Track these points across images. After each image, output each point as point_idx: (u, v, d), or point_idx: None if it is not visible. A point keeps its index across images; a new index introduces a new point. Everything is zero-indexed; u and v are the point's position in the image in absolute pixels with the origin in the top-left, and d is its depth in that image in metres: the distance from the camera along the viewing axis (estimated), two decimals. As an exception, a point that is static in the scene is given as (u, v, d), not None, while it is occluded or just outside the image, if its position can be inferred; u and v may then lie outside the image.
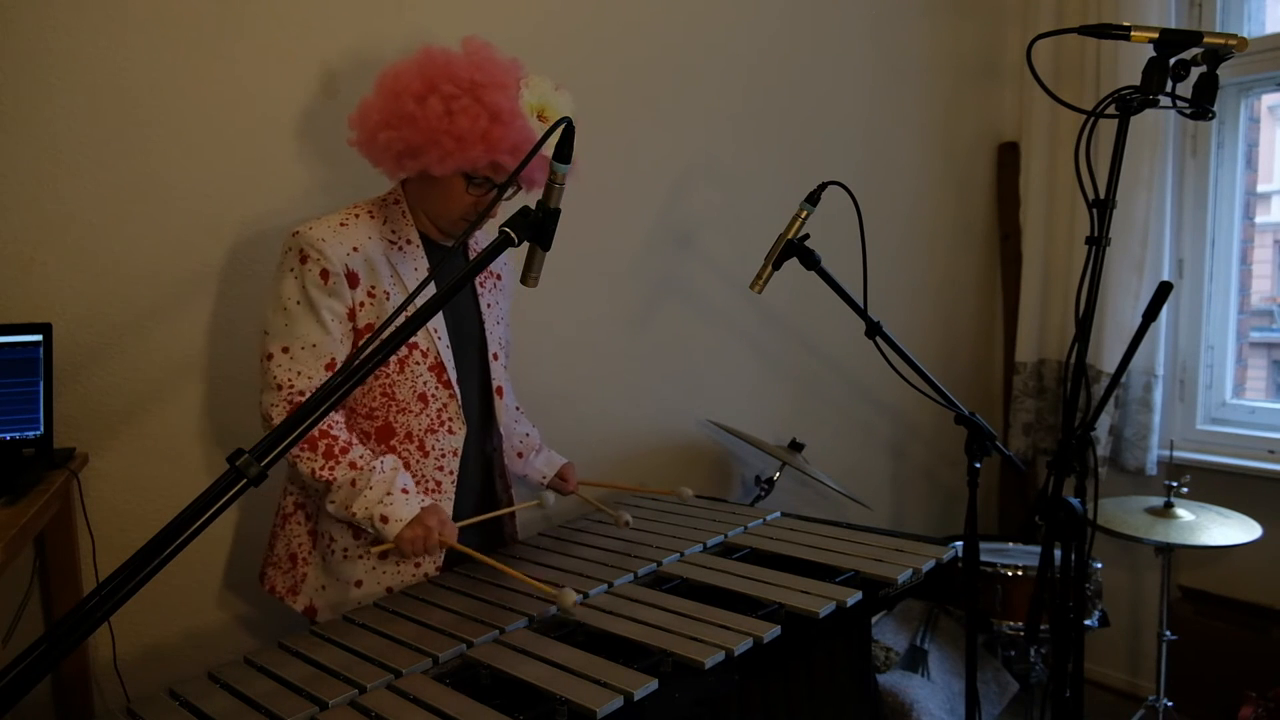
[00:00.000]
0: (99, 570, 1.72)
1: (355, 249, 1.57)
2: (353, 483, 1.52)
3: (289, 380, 1.54)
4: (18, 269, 1.67)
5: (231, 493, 0.95)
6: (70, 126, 1.69)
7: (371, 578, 1.63)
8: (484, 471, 1.81)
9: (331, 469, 1.52)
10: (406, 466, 1.64)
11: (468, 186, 1.59)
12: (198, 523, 0.92)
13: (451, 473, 1.68)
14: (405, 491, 1.55)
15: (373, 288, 1.59)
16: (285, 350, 1.54)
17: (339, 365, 1.56)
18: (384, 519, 1.52)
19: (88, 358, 1.74)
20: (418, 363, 1.63)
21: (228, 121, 1.84)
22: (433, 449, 1.66)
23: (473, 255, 1.81)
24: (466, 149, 1.51)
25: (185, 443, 1.85)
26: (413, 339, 1.61)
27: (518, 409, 1.99)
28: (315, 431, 1.52)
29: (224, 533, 1.90)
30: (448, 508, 1.67)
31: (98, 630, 1.04)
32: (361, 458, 1.55)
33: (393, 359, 1.60)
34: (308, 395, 1.53)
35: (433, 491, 1.66)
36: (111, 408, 1.77)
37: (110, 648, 1.76)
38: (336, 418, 1.59)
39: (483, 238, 1.87)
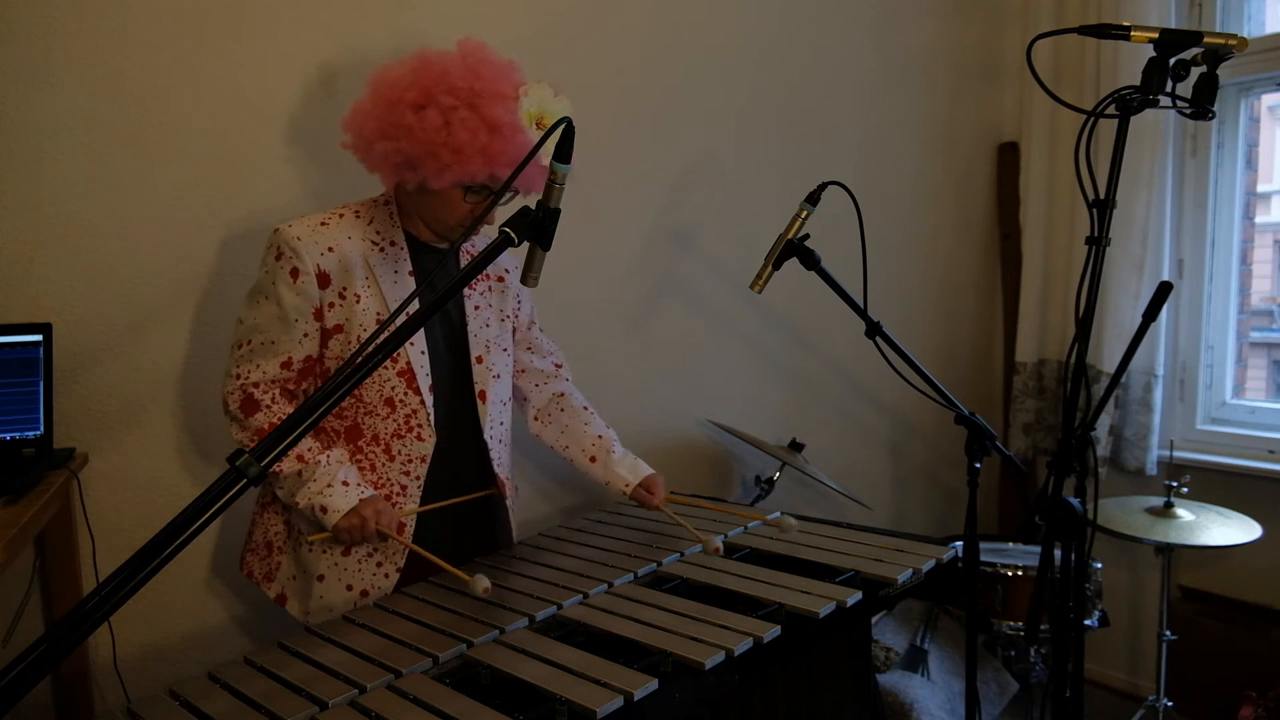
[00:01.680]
0: (99, 570, 1.72)
1: (330, 249, 1.58)
2: (299, 474, 1.56)
3: (246, 372, 1.58)
4: (18, 269, 1.68)
5: (231, 493, 0.95)
6: (70, 127, 1.70)
7: (333, 574, 1.64)
8: (477, 476, 1.80)
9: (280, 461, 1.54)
10: (372, 469, 1.65)
11: (465, 195, 1.58)
12: (198, 523, 0.92)
13: (419, 478, 1.68)
14: (345, 484, 1.57)
15: (344, 289, 1.59)
16: (248, 343, 1.58)
17: (294, 363, 1.59)
18: (323, 509, 1.55)
19: (88, 358, 1.74)
20: (385, 367, 1.63)
21: (227, 123, 1.84)
22: (399, 454, 1.66)
23: (466, 259, 1.80)
24: (465, 162, 1.51)
25: (185, 442, 1.85)
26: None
27: (586, 409, 1.94)
28: (266, 427, 1.57)
29: (225, 532, 1.90)
30: (410, 517, 1.68)
31: (98, 630, 1.04)
32: (309, 451, 1.57)
33: (360, 360, 1.60)
34: (260, 388, 1.58)
35: (397, 495, 1.66)
36: (111, 408, 1.77)
37: (110, 648, 1.76)
38: (289, 412, 1.59)
39: (479, 241, 1.86)
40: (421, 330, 1.66)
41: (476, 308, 1.78)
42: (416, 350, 1.65)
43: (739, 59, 2.64)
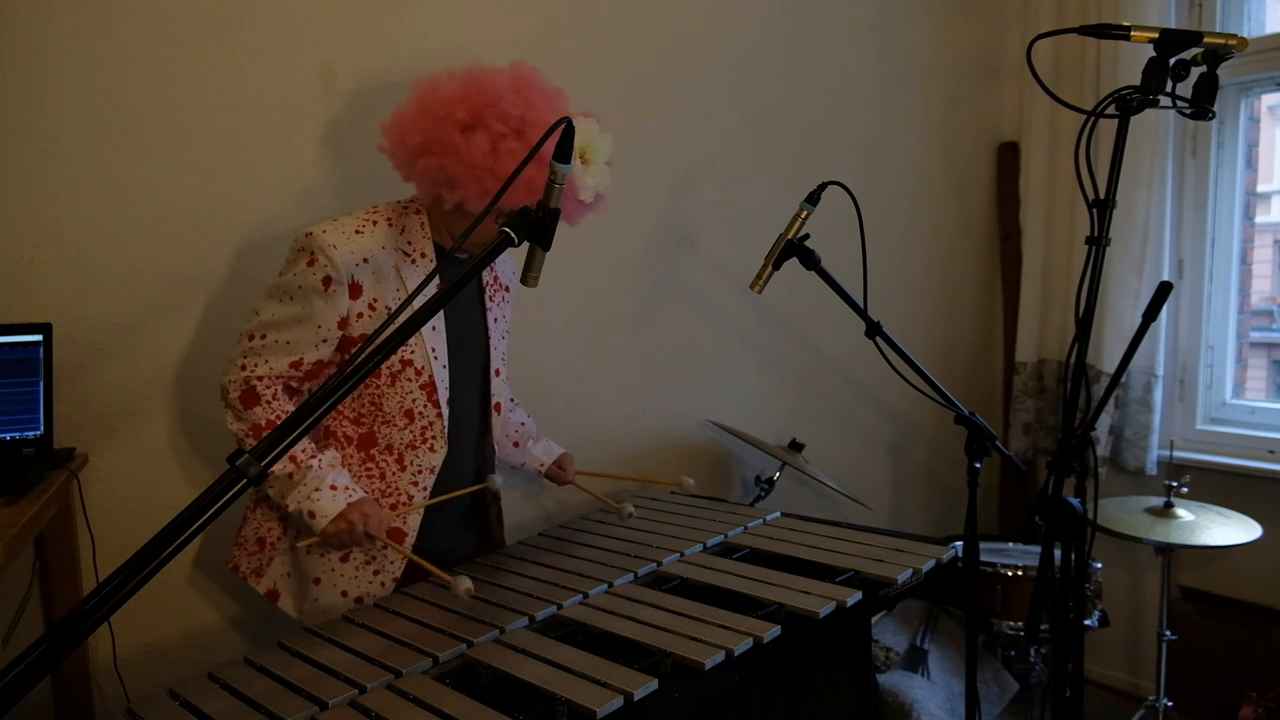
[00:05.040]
0: (99, 570, 1.72)
1: (365, 260, 1.56)
2: (290, 476, 1.54)
3: (253, 365, 1.56)
4: (18, 269, 1.67)
5: (231, 493, 0.95)
6: (70, 128, 1.69)
7: (329, 579, 1.63)
8: (476, 480, 1.81)
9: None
10: (381, 477, 1.65)
11: (498, 217, 1.57)
12: (198, 523, 0.92)
13: (425, 489, 1.68)
14: (334, 488, 1.55)
15: (374, 300, 1.58)
16: (262, 336, 1.56)
17: (304, 364, 1.57)
18: (311, 514, 1.54)
19: (88, 358, 1.74)
20: (409, 379, 1.63)
21: (227, 123, 1.84)
22: (410, 464, 1.66)
23: (487, 274, 1.79)
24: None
25: (185, 442, 1.85)
26: (409, 356, 1.62)
27: (512, 399, 1.98)
28: (263, 422, 1.55)
29: (224, 531, 1.90)
30: (414, 520, 1.68)
31: (98, 630, 1.04)
32: (303, 452, 1.56)
33: (385, 371, 1.61)
34: (264, 382, 1.56)
35: (403, 504, 1.66)
36: (111, 408, 1.77)
37: (110, 648, 1.76)
38: (289, 409, 1.58)
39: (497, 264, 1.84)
40: (445, 344, 1.66)
41: (495, 320, 1.78)
42: (439, 364, 1.65)
43: (740, 59, 2.64)
